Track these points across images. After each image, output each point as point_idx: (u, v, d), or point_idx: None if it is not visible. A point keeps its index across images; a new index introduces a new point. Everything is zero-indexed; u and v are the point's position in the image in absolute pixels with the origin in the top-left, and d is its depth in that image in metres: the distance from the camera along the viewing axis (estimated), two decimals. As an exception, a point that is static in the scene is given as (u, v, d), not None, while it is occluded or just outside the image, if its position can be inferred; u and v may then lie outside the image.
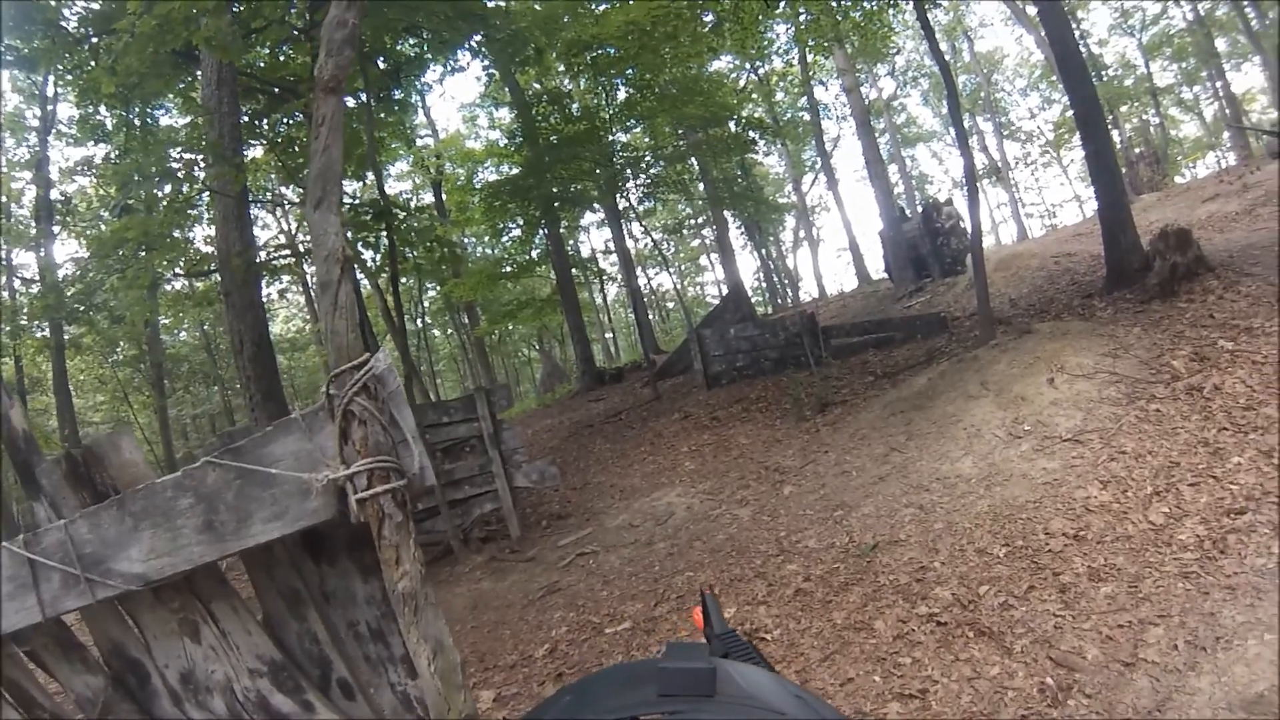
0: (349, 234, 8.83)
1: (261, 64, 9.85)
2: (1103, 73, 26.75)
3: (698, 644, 0.50)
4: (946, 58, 11.09)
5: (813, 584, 4.34)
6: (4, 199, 16.46)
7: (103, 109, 9.96)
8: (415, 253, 10.99)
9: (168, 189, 8.39)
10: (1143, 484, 4.15)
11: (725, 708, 0.42)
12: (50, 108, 16.49)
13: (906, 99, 35.76)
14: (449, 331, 31.80)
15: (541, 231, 16.10)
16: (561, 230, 18.00)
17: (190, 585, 1.92)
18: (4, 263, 18.33)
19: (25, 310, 16.46)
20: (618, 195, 15.17)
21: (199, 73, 8.84)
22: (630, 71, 13.22)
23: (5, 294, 18.39)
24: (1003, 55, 36.16)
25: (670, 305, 36.90)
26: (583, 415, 13.59)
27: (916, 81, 33.11)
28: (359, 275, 10.62)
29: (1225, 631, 2.86)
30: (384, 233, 8.53)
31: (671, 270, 31.67)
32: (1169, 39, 26.93)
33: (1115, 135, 21.61)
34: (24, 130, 17.34)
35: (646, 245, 29.07)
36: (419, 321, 28.33)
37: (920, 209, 17.50)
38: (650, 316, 26.76)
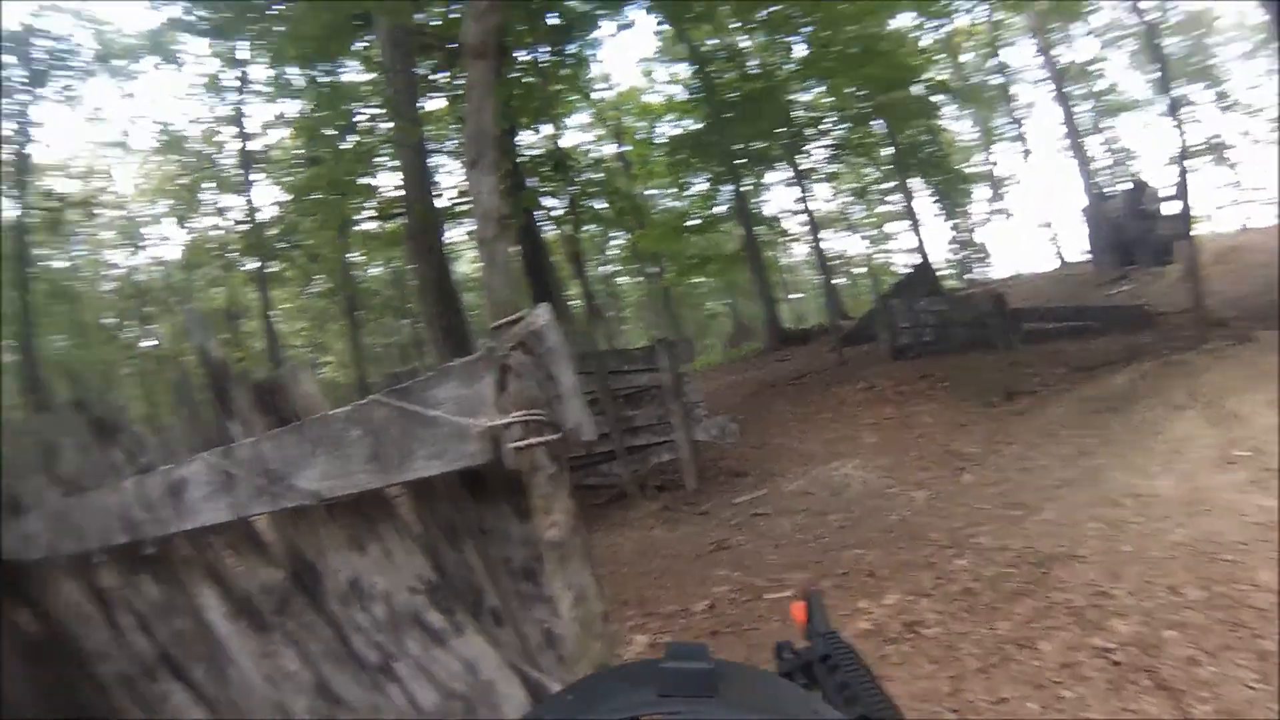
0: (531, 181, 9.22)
1: (437, 22, 10.32)
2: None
3: (699, 644, 0.45)
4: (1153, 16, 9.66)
5: (981, 585, 4.01)
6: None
7: (292, 69, 10.94)
8: (605, 203, 11.31)
9: (351, 140, 9.10)
10: (1380, 543, 3.44)
11: (726, 708, 0.40)
12: (244, 70, 18.50)
13: (1106, 63, 31.58)
14: (637, 279, 32.24)
15: (729, 188, 15.98)
16: (748, 187, 17.80)
17: (359, 505, 2.06)
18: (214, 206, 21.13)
19: (234, 248, 18.75)
20: (798, 155, 14.78)
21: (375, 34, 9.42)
22: (807, 29, 12.63)
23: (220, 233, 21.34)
24: (1216, 16, 30.57)
25: (857, 271, 35.69)
26: (766, 374, 13.62)
27: (1120, 43, 29.07)
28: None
29: None
30: (563, 183, 8.88)
31: (860, 235, 30.54)
32: None
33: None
34: (223, 91, 19.63)
35: (833, 208, 28.15)
36: (603, 268, 29.01)
37: (1127, 187, 15.70)
38: (837, 281, 25.94)
